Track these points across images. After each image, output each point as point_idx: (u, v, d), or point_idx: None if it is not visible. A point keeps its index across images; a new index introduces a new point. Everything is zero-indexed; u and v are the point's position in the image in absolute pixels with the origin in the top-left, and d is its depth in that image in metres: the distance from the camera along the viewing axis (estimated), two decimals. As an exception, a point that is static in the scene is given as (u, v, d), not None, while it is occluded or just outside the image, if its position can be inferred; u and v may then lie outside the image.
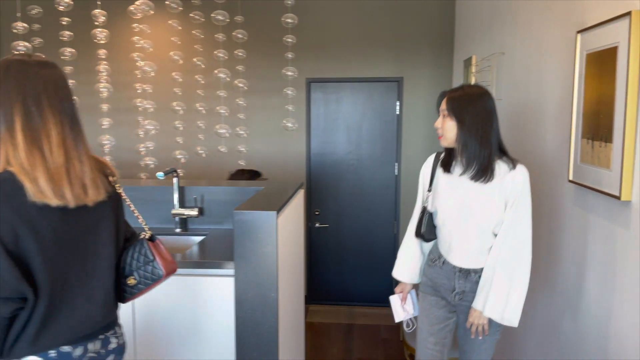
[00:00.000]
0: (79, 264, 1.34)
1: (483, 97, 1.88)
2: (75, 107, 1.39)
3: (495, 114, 1.88)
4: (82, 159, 1.33)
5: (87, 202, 1.32)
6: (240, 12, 4.39)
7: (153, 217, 2.76)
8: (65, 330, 1.30)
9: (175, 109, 4.22)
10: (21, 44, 3.74)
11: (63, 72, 1.40)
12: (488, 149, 1.84)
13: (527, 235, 1.86)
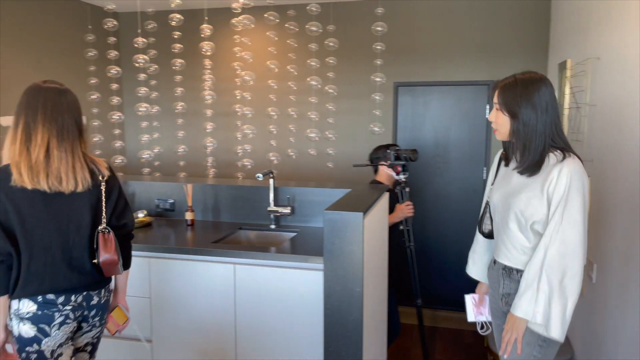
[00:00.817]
0: (62, 237, 1.78)
1: (536, 86, 1.71)
2: (72, 121, 1.79)
3: (551, 103, 1.71)
4: (62, 158, 1.74)
5: (62, 190, 1.76)
6: (332, 20, 4.61)
7: (251, 213, 3.03)
8: (47, 283, 1.76)
9: (270, 114, 4.52)
10: (141, 57, 4.23)
11: (70, 96, 1.84)
12: (542, 143, 1.70)
13: (578, 241, 1.65)
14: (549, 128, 1.70)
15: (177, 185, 3.13)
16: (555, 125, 1.71)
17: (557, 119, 1.72)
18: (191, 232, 2.79)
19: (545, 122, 1.70)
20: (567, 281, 1.65)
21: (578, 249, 1.65)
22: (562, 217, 1.65)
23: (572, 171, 1.65)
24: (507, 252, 1.81)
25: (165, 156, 5.37)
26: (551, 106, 1.71)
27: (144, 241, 2.58)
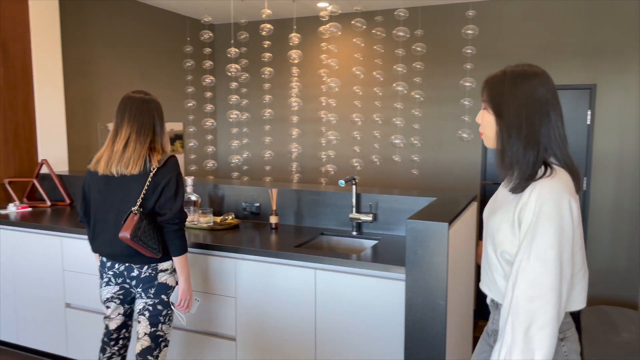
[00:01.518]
0: (115, 211, 2.15)
1: (530, 80, 1.37)
2: (149, 123, 2.19)
3: (549, 103, 1.36)
4: (135, 149, 2.14)
5: (125, 173, 2.13)
6: (420, 25, 4.52)
7: (333, 219, 3.04)
8: (101, 247, 2.21)
9: (354, 120, 4.53)
10: (233, 67, 4.42)
11: (152, 104, 2.22)
12: (534, 152, 1.35)
13: (549, 283, 1.26)
14: (546, 133, 1.37)
15: (263, 189, 3.22)
16: (554, 131, 1.37)
17: (556, 124, 1.38)
18: (275, 236, 2.86)
19: (540, 123, 1.37)
20: (534, 332, 1.25)
21: (550, 293, 1.25)
22: (529, 252, 1.28)
23: (542, 196, 1.29)
24: (489, 281, 1.50)
25: (253, 161, 5.57)
26: (549, 106, 1.37)
27: (231, 242, 2.67)
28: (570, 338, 1.40)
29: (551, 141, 1.37)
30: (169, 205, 2.15)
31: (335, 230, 3.01)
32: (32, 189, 3.74)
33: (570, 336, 1.40)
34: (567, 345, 1.39)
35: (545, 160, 1.36)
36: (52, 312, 3.11)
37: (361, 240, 2.89)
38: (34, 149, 3.84)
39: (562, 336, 1.38)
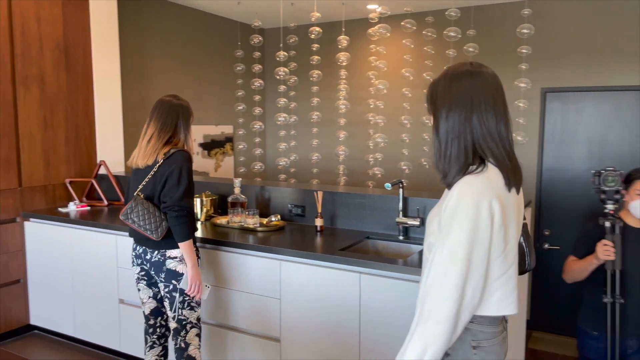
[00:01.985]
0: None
1: (462, 79, 1.34)
2: (172, 122, 2.41)
3: (481, 102, 1.32)
4: (154, 145, 2.38)
5: (143, 165, 2.41)
6: (473, 25, 4.40)
7: (379, 222, 3.00)
8: (129, 230, 2.50)
9: (403, 122, 4.46)
10: (282, 70, 4.46)
11: (179, 107, 2.44)
12: (460, 148, 1.32)
13: (453, 283, 1.24)
14: (470, 134, 1.32)
15: (309, 191, 3.22)
16: (483, 129, 1.32)
17: (488, 122, 1.32)
18: (320, 238, 2.84)
19: (464, 124, 1.32)
20: (430, 325, 1.26)
21: (452, 290, 1.24)
22: (443, 246, 1.27)
23: (462, 192, 1.28)
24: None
25: (301, 163, 5.60)
26: (479, 105, 1.32)
27: (276, 244, 2.69)
28: (486, 349, 1.35)
29: (481, 138, 1.32)
30: (170, 194, 2.32)
31: (381, 234, 2.96)
32: (90, 188, 3.91)
33: (488, 347, 1.36)
34: (480, 355, 1.35)
35: (481, 157, 1.33)
36: (106, 307, 3.24)
37: (408, 245, 2.82)
38: (93, 150, 4.02)
39: (475, 344, 1.35)
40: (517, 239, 1.39)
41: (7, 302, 3.50)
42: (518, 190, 1.38)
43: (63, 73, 3.77)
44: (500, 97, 1.36)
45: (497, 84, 1.36)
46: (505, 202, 1.30)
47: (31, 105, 3.58)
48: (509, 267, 1.33)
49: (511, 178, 1.33)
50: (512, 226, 1.34)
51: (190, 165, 2.38)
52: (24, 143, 3.55)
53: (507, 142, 1.35)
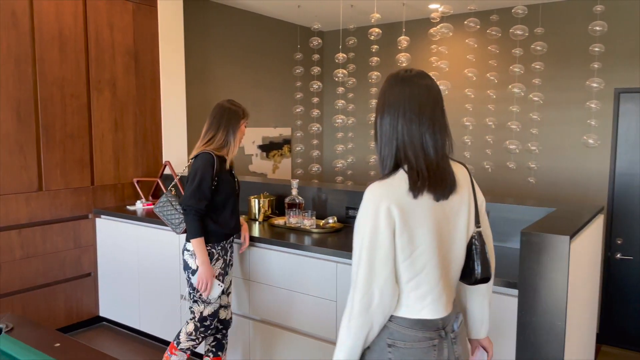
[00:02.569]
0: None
1: (395, 84, 1.40)
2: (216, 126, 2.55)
3: (407, 108, 1.36)
4: (197, 146, 2.59)
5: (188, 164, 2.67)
6: (541, 23, 4.20)
7: (439, 227, 2.92)
8: None
9: (465, 124, 4.33)
10: (340, 72, 4.46)
11: (229, 112, 2.57)
12: (385, 152, 1.39)
13: (360, 278, 1.33)
14: (399, 136, 1.37)
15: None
16: (405, 135, 1.36)
17: (413, 130, 1.36)
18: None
19: (390, 129, 1.38)
20: (346, 321, 1.36)
21: (359, 288, 1.32)
22: (354, 251, 1.36)
23: (366, 195, 1.35)
24: None
25: (358, 166, 5.57)
26: (403, 111, 1.36)
27: (333, 246, 2.68)
28: (402, 350, 1.37)
29: (402, 145, 1.37)
30: (184, 191, 2.51)
31: (441, 238, 2.88)
32: (156, 187, 4.07)
33: (404, 349, 1.37)
34: (395, 354, 1.38)
35: (400, 161, 1.38)
36: (169, 302, 3.36)
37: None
38: (159, 151, 4.19)
39: (390, 342, 1.38)
40: (439, 246, 1.38)
41: (79, 294, 3.71)
42: (441, 197, 1.37)
43: (133, 77, 3.96)
44: (430, 106, 1.38)
45: (428, 93, 1.39)
46: (407, 207, 1.33)
47: (103, 108, 3.78)
48: (418, 271, 1.36)
49: (423, 185, 1.34)
50: (423, 232, 1.35)
51: (207, 168, 2.44)
52: (96, 144, 3.75)
53: (433, 150, 1.37)
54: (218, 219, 2.53)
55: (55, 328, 3.57)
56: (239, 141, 2.58)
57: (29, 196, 3.38)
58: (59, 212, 3.55)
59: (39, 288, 3.47)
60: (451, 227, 1.41)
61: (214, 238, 2.53)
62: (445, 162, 1.40)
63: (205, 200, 2.45)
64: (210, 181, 2.45)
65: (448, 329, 1.42)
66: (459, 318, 1.49)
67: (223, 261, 2.60)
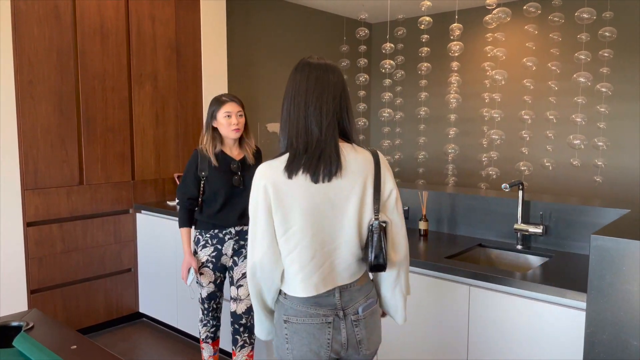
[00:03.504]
0: None
1: (293, 71, 1.50)
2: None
3: (295, 96, 1.46)
4: None
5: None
6: (609, 7, 3.81)
7: (493, 229, 2.65)
8: None
9: (523, 118, 3.99)
10: (387, 63, 4.23)
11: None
12: (282, 136, 1.50)
13: (250, 248, 1.50)
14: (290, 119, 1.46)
15: (413, 192, 2.96)
16: (299, 120, 1.44)
17: (300, 115, 1.44)
18: (423, 243, 2.58)
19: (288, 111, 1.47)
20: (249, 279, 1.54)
21: (250, 255, 1.50)
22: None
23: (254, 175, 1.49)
24: None
25: (406, 162, 5.31)
26: (293, 96, 1.46)
27: (375, 247, 2.47)
28: (295, 326, 1.46)
29: (291, 126, 1.45)
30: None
31: (495, 242, 2.61)
32: (196, 183, 4.00)
33: (296, 325, 1.46)
34: (290, 329, 1.47)
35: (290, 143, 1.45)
36: (205, 300, 3.25)
37: (528, 257, 2.45)
38: (200, 146, 4.11)
39: (285, 318, 1.48)
40: (315, 228, 1.43)
41: (119, 289, 3.69)
42: (318, 179, 1.41)
43: (174, 71, 3.90)
44: (318, 91, 1.44)
45: (317, 81, 1.45)
46: (282, 187, 1.42)
47: (144, 102, 3.74)
48: (292, 249, 1.44)
49: (297, 166, 1.41)
50: (297, 213, 1.41)
51: (190, 163, 2.55)
52: (137, 138, 3.71)
53: (317, 133, 1.42)
54: (203, 210, 2.59)
55: (95, 323, 3.57)
56: (226, 132, 2.50)
57: (70, 190, 3.38)
58: (100, 206, 3.54)
59: (80, 282, 3.47)
60: (337, 212, 1.44)
61: (201, 225, 2.61)
62: (331, 146, 1.42)
63: (189, 193, 2.56)
64: (193, 176, 2.54)
65: (349, 310, 1.48)
66: (368, 303, 1.52)
67: (215, 250, 2.59)
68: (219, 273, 2.64)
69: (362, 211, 1.46)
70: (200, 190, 2.57)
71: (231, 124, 2.48)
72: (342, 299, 1.47)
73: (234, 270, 2.63)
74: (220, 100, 2.53)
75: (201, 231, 2.61)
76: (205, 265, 2.60)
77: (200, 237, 2.61)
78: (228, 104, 2.50)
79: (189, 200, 2.57)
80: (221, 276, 2.66)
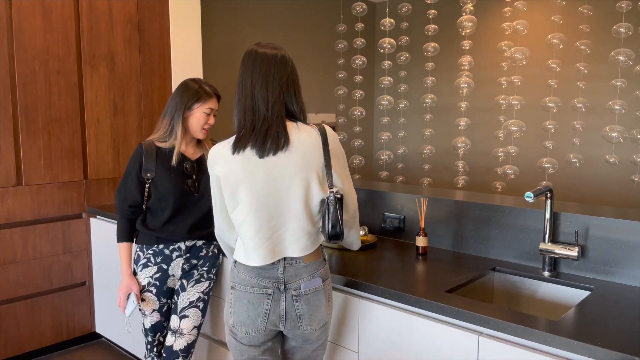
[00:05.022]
0: None
1: (244, 58, 1.56)
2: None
3: (243, 79, 1.53)
4: None
5: None
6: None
7: (511, 248, 2.06)
8: None
9: (547, 105, 3.37)
10: (387, 41, 3.63)
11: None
12: (236, 116, 1.55)
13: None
14: (238, 101, 1.54)
15: (409, 197, 2.37)
16: (247, 101, 1.51)
17: (247, 96, 1.51)
18: (421, 266, 2.00)
19: (236, 97, 1.54)
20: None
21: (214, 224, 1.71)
22: None
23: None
24: None
25: (410, 158, 4.70)
26: (241, 78, 1.53)
27: (358, 272, 1.90)
28: (238, 293, 1.58)
29: (240, 105, 1.52)
30: None
31: (514, 265, 2.02)
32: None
33: (239, 292, 1.57)
34: (234, 295, 1.60)
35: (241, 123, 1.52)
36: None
37: (558, 288, 1.86)
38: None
39: (232, 284, 1.61)
40: (261, 202, 1.50)
41: (71, 306, 3.18)
42: (264, 153, 1.47)
43: (136, 52, 3.35)
44: (264, 72, 1.50)
45: (263, 61, 1.51)
46: (230, 166, 1.51)
47: (99, 88, 3.20)
48: (240, 224, 1.55)
49: (244, 142, 1.49)
50: (243, 188, 1.50)
51: (133, 161, 2.08)
52: (90, 130, 3.18)
53: (264, 110, 1.48)
54: (146, 220, 2.10)
55: (41, 346, 3.06)
56: (196, 130, 2.07)
57: (4, 192, 2.86)
58: (44, 210, 3.02)
59: (19, 300, 2.96)
60: (282, 188, 1.49)
61: (143, 239, 2.12)
62: (278, 122, 1.48)
63: (130, 199, 2.07)
64: (136, 178, 2.06)
65: (291, 285, 1.54)
66: (312, 281, 1.56)
67: (159, 270, 2.10)
68: (165, 299, 2.13)
69: (309, 186, 1.51)
70: (144, 196, 2.08)
71: (207, 122, 2.09)
72: (286, 273, 1.54)
73: (179, 296, 2.11)
74: (203, 92, 2.07)
75: (142, 246, 2.12)
76: (146, 290, 2.10)
77: (141, 254, 2.12)
78: (213, 101, 2.10)
79: (131, 208, 2.09)
80: (168, 302, 2.15)
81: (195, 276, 2.13)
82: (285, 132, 1.48)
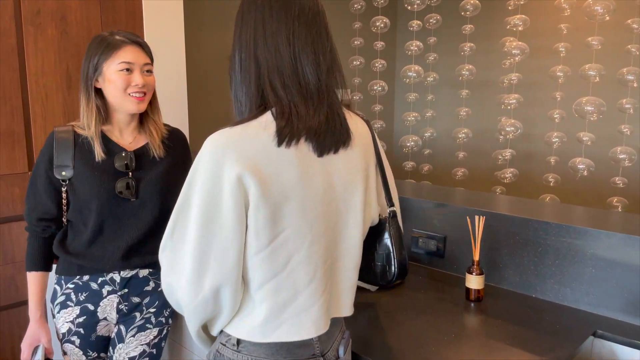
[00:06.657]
0: None
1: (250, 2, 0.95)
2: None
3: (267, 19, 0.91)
4: None
5: None
6: None
7: (618, 295, 1.33)
8: None
9: (626, 78, 2.59)
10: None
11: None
12: (236, 106, 0.96)
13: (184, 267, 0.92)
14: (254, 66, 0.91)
15: (455, 210, 1.65)
16: (268, 60, 0.90)
17: (275, 47, 0.90)
18: (477, 326, 1.31)
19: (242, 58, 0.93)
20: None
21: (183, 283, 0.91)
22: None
23: (202, 149, 0.89)
24: None
25: (439, 144, 3.97)
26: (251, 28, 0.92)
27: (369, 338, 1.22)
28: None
29: (268, 71, 0.91)
30: None
31: (625, 325, 1.30)
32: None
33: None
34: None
35: (266, 101, 0.92)
36: None
37: None
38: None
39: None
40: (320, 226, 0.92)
41: (16, 329, 2.61)
42: (326, 149, 0.92)
43: (95, 8, 2.70)
44: (306, 25, 0.93)
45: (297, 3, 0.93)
46: (269, 169, 0.87)
47: (46, 54, 2.55)
48: (281, 268, 0.91)
49: (297, 127, 0.89)
50: (295, 205, 0.89)
51: (41, 155, 1.50)
52: (36, 108, 2.55)
53: (314, 79, 0.92)
54: (66, 240, 1.52)
55: (-23, 379, 2.50)
56: (116, 99, 1.46)
57: None
58: (-25, 211, 2.42)
59: (-55, 325, 2.39)
60: (341, 204, 0.96)
61: (61, 266, 1.53)
62: (335, 100, 0.95)
63: (39, 209, 1.50)
64: (46, 179, 1.48)
65: (330, 355, 0.99)
66: (346, 338, 1.05)
67: (84, 312, 1.50)
68: (94, 352, 1.54)
69: (370, 203, 1.04)
70: (61, 205, 1.52)
71: (131, 84, 1.46)
72: (320, 338, 0.96)
73: (115, 349, 1.54)
74: (110, 42, 1.47)
75: (60, 278, 1.54)
76: (66, 340, 1.51)
77: (58, 289, 1.54)
78: (126, 49, 1.47)
79: (41, 222, 1.52)
80: (100, 358, 1.58)
81: (137, 321, 1.52)
82: (344, 118, 0.97)
